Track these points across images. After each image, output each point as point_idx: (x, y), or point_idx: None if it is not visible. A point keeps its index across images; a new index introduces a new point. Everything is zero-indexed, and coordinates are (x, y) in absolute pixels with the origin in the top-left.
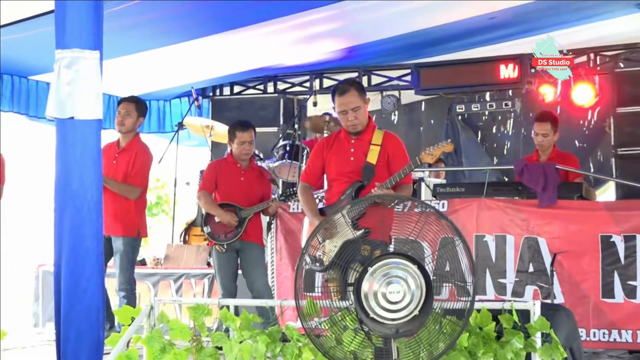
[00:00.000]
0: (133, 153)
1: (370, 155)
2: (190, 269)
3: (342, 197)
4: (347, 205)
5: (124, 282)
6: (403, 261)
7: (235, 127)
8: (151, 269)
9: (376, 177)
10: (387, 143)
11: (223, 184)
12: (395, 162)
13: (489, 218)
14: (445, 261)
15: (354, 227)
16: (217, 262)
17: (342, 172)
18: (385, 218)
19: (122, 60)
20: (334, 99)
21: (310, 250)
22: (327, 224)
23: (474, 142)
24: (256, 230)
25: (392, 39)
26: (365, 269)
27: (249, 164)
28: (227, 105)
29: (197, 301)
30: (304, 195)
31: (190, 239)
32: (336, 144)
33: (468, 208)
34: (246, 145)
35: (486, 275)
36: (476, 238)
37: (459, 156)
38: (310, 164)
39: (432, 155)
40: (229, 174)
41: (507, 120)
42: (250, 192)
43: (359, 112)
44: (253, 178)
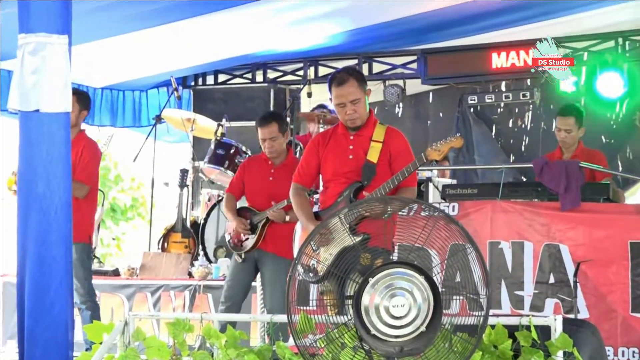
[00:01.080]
0: (79, 149)
1: (371, 153)
2: (169, 279)
3: (339, 199)
4: (345, 209)
5: (84, 294)
6: (408, 271)
7: (257, 122)
8: (125, 279)
9: (377, 177)
10: (390, 139)
11: (249, 185)
12: (398, 160)
13: (504, 223)
14: (456, 271)
15: (353, 232)
16: (231, 270)
17: (339, 171)
18: (387, 223)
19: (93, 45)
20: (330, 89)
21: (303, 259)
22: (322, 230)
23: (487, 137)
24: (278, 238)
25: (396, 22)
26: (365, 279)
27: (284, 160)
28: (210, 96)
29: (177, 316)
30: (297, 198)
31: (170, 247)
32: (333, 141)
33: (481, 211)
34: (268, 142)
35: (501, 286)
36: (490, 245)
37: (471, 153)
38: (303, 163)
39: (439, 151)
40: (257, 173)
41: (525, 113)
42: (277, 194)
43: (358, 104)
44: (285, 177)
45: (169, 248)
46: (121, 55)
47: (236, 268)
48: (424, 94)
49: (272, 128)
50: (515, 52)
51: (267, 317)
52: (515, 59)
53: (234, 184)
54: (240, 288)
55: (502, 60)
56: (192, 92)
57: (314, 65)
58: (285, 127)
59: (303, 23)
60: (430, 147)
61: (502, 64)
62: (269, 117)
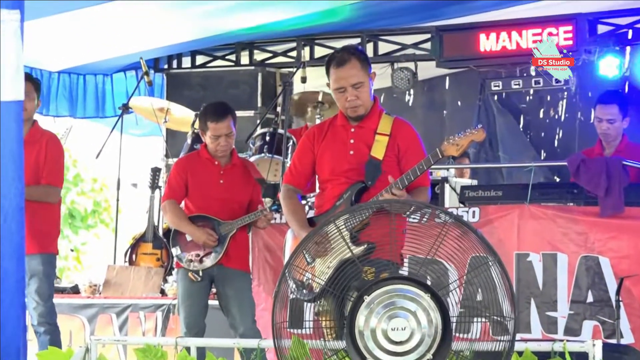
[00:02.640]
0: (41, 145)
1: (376, 147)
2: (138, 298)
3: (338, 202)
4: (345, 213)
5: (44, 314)
6: (412, 289)
7: (206, 115)
8: (86, 298)
9: (383, 176)
10: (398, 132)
11: (196, 189)
12: (408, 157)
13: (534, 231)
14: (477, 288)
15: (354, 241)
16: (184, 291)
17: (338, 170)
18: (395, 230)
19: (47, 22)
20: (329, 72)
21: (295, 273)
22: (318, 238)
23: (514, 130)
24: (241, 251)
25: None
26: (360, 297)
27: (230, 159)
28: (187, 81)
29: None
30: (289, 202)
31: (139, 259)
32: (331, 134)
33: (507, 218)
34: (222, 139)
35: (531, 306)
36: (517, 258)
37: (495, 149)
38: (296, 160)
39: (457, 145)
40: (203, 175)
41: (559, 102)
42: (233, 199)
43: (361, 89)
44: (237, 179)
45: (137, 261)
46: (81, 33)
47: (191, 289)
48: (438, 79)
49: (228, 122)
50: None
51: (254, 342)
52: None
53: (174, 187)
54: (200, 312)
55: (532, 38)
56: (166, 76)
57: (309, 45)
58: (235, 121)
59: None
60: (447, 140)
61: (531, 43)
62: (224, 109)
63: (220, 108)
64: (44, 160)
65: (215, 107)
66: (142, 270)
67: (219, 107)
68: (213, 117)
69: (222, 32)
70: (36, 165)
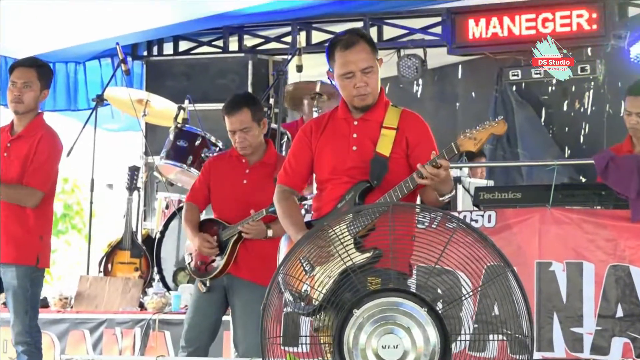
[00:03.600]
0: (34, 141)
1: (382, 143)
2: (114, 313)
3: (340, 204)
4: (347, 214)
5: (22, 332)
6: (406, 302)
7: (223, 108)
8: (56, 312)
9: (390, 174)
10: (406, 126)
11: (217, 191)
12: (417, 154)
13: (557, 237)
14: (493, 302)
15: (358, 248)
16: (191, 303)
17: (339, 168)
18: (404, 236)
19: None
20: (333, 56)
21: (292, 282)
22: (318, 241)
23: (535, 124)
24: (254, 259)
25: None
26: (349, 311)
27: (262, 157)
28: (169, 69)
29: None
30: (284, 203)
31: (115, 269)
32: (330, 128)
33: (527, 222)
34: (238, 135)
35: (553, 321)
36: (539, 267)
37: (513, 145)
38: (291, 158)
39: (475, 140)
40: (226, 175)
41: (585, 93)
42: (255, 201)
43: (371, 75)
44: (262, 179)
45: (113, 271)
46: (50, 16)
47: (200, 300)
48: (450, 68)
49: (243, 116)
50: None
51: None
52: (577, 21)
53: (196, 189)
54: (206, 327)
55: (556, 22)
56: (145, 64)
57: (305, 30)
58: (261, 113)
59: None
60: (464, 134)
61: (555, 27)
62: (239, 101)
63: (235, 99)
64: (32, 157)
65: (231, 98)
66: (118, 282)
67: (234, 98)
68: (226, 109)
69: (209, 15)
70: (25, 162)
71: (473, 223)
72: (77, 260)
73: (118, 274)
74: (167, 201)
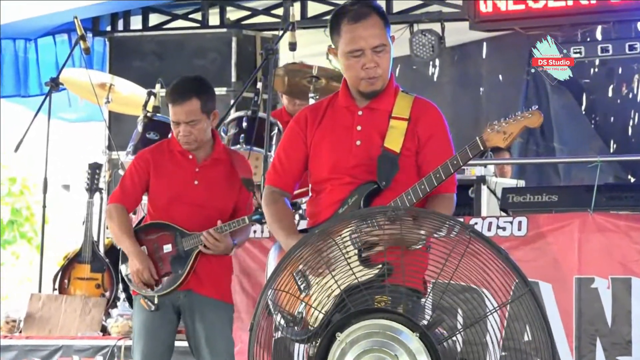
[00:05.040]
0: None
1: (391, 136)
2: (71, 339)
3: (341, 209)
4: (351, 219)
5: None
6: (396, 325)
7: (166, 94)
8: (2, 338)
9: (401, 174)
10: (419, 116)
11: (160, 191)
12: (427, 151)
13: (601, 248)
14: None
15: (364, 261)
16: (140, 326)
17: (341, 166)
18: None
19: None
20: (338, 30)
21: (281, 300)
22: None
23: (574, 113)
24: (218, 274)
25: None
26: (333, 335)
27: (211, 152)
28: (137, 48)
29: None
30: (273, 207)
31: (72, 286)
32: (329, 118)
33: (564, 230)
34: (182, 128)
35: (596, 348)
36: (579, 284)
37: (548, 138)
38: (281, 154)
39: (504, 134)
40: (172, 172)
41: (634, 76)
42: (209, 205)
43: (383, 55)
44: (217, 179)
45: (71, 288)
46: None
47: (150, 321)
48: (473, 46)
49: (190, 106)
50: None
51: None
52: None
53: (127, 188)
54: (160, 353)
55: None
56: (108, 42)
57: (299, 0)
58: (212, 103)
59: None
60: (491, 127)
61: None
62: (186, 88)
63: (182, 85)
64: None
65: (177, 83)
66: (76, 301)
67: (179, 84)
68: (170, 96)
69: None
70: None
71: (500, 231)
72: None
73: (76, 291)
74: None
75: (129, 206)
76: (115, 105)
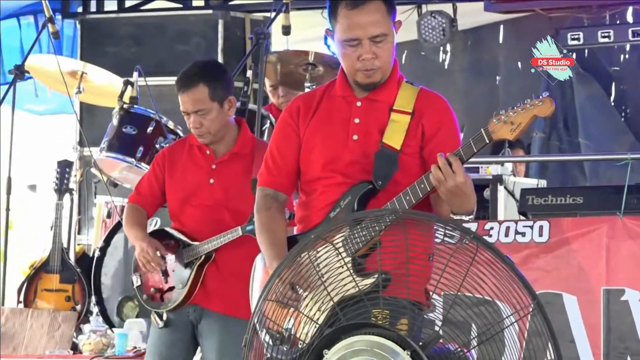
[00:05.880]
0: None
1: (391, 131)
2: (38, 357)
3: (333, 212)
4: (346, 225)
5: None
6: (385, 342)
7: (176, 82)
8: None
9: (401, 174)
10: (424, 110)
11: (174, 193)
12: (432, 148)
13: (632, 256)
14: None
15: (358, 270)
16: (149, 343)
17: (334, 164)
18: (419, 254)
19: None
20: (335, 15)
21: (268, 319)
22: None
23: (602, 105)
24: (226, 285)
25: None
26: (320, 353)
27: (232, 147)
28: (111, 32)
29: None
30: (263, 214)
31: (40, 298)
32: (324, 109)
33: (591, 236)
34: (194, 118)
35: None
36: (607, 295)
37: (573, 133)
38: (274, 150)
39: (512, 124)
40: (187, 171)
41: None
42: (225, 207)
43: (383, 45)
44: (235, 178)
45: (37, 301)
46: None
47: (161, 339)
48: (489, 29)
49: (197, 94)
50: None
51: None
52: None
53: (144, 189)
54: None
55: None
56: (80, 24)
57: None
58: (224, 90)
59: None
60: (497, 117)
61: None
62: (192, 74)
63: (188, 72)
64: None
65: (184, 70)
66: (44, 316)
67: (187, 70)
68: (177, 84)
69: None
70: None
71: (519, 237)
72: None
73: (44, 305)
74: (108, 207)
75: (146, 207)
76: (88, 95)
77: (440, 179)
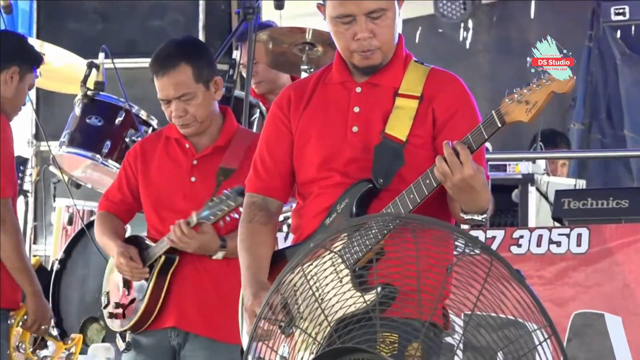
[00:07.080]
0: None
1: (395, 120)
2: None
3: (328, 219)
4: (341, 233)
5: None
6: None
7: (150, 65)
8: None
9: (407, 169)
10: (436, 93)
11: (150, 194)
12: (451, 131)
13: None
14: None
15: (360, 284)
16: None
17: (331, 161)
18: (433, 267)
19: None
20: None
21: (259, 344)
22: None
23: None
24: (209, 301)
25: None
26: None
27: (216, 137)
28: (74, 6)
29: None
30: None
31: None
32: (319, 97)
33: (637, 246)
34: (175, 105)
35: None
36: None
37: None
38: (263, 149)
39: (527, 104)
40: (164, 168)
41: None
42: None
43: (381, 22)
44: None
45: None
46: None
47: None
48: (518, 3)
49: (180, 76)
50: None
51: None
52: None
53: (114, 194)
54: None
55: None
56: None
57: None
58: (209, 69)
59: None
60: (510, 96)
61: None
62: (171, 53)
63: (166, 50)
64: None
65: (160, 49)
66: None
67: (163, 49)
68: (153, 66)
69: None
70: None
71: (553, 247)
72: None
73: None
74: (70, 212)
75: (118, 214)
76: (45, 80)
77: (445, 172)
